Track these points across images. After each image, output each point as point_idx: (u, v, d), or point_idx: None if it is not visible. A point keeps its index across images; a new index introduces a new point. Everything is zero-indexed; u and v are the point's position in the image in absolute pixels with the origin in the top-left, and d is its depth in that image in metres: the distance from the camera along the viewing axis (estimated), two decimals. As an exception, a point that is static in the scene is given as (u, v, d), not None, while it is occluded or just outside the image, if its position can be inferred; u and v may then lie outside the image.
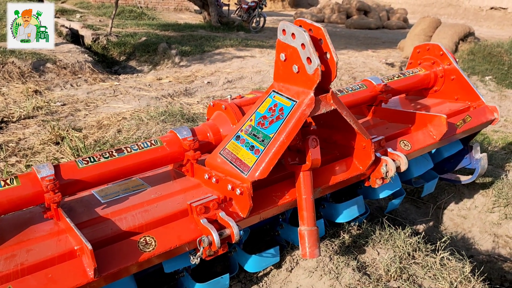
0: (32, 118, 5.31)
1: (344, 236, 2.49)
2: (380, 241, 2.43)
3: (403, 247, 2.33)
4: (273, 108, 1.96)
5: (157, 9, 17.94)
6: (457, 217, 3.51)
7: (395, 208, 2.89)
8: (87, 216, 1.87)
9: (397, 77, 2.90)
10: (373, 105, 2.82)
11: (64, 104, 5.93)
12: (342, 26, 18.86)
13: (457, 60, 2.83)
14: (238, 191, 1.85)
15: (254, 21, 14.70)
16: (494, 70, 9.33)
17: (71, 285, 1.53)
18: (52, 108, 5.72)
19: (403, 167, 2.23)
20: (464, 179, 3.21)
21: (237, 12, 15.51)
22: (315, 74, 1.77)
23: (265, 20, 14.92)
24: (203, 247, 1.75)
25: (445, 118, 2.43)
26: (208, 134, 2.23)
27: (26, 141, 4.59)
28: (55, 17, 12.79)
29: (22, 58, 7.18)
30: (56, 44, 8.80)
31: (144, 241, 1.73)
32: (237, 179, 1.89)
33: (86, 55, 8.34)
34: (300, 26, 1.87)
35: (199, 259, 1.79)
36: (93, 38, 10.16)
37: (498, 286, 2.67)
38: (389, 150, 2.28)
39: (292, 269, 2.34)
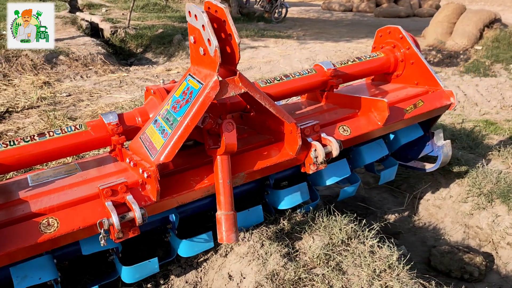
0: (34, 108, 5.49)
1: (283, 223, 2.45)
2: (319, 228, 2.38)
3: (338, 235, 2.27)
4: (186, 92, 1.94)
5: (183, 2, 18.07)
6: (432, 207, 3.38)
7: (349, 196, 2.79)
8: (8, 199, 1.93)
9: (351, 62, 2.80)
10: (325, 90, 2.74)
11: (69, 95, 6.10)
12: (371, 15, 18.39)
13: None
14: (145, 175, 1.86)
15: (276, 11, 14.59)
16: (519, 58, 8.86)
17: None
18: (57, 98, 5.90)
19: (335, 153, 2.17)
20: (429, 167, 3.07)
21: (259, 2, 15.44)
22: (216, 56, 1.74)
23: (287, 11, 14.78)
24: (103, 229, 1.76)
25: (386, 102, 2.32)
26: (137, 119, 2.23)
27: (24, 130, 4.76)
28: (80, 10, 13.16)
29: (35, 51, 7.40)
30: (73, 37, 9.06)
31: (46, 223, 1.76)
32: (148, 162, 1.90)
33: (99, 47, 8.52)
34: (209, 8, 1.85)
35: (103, 240, 1.80)
36: (111, 31, 10.37)
37: (432, 275, 2.55)
38: (323, 135, 2.22)
39: (227, 254, 2.32)
